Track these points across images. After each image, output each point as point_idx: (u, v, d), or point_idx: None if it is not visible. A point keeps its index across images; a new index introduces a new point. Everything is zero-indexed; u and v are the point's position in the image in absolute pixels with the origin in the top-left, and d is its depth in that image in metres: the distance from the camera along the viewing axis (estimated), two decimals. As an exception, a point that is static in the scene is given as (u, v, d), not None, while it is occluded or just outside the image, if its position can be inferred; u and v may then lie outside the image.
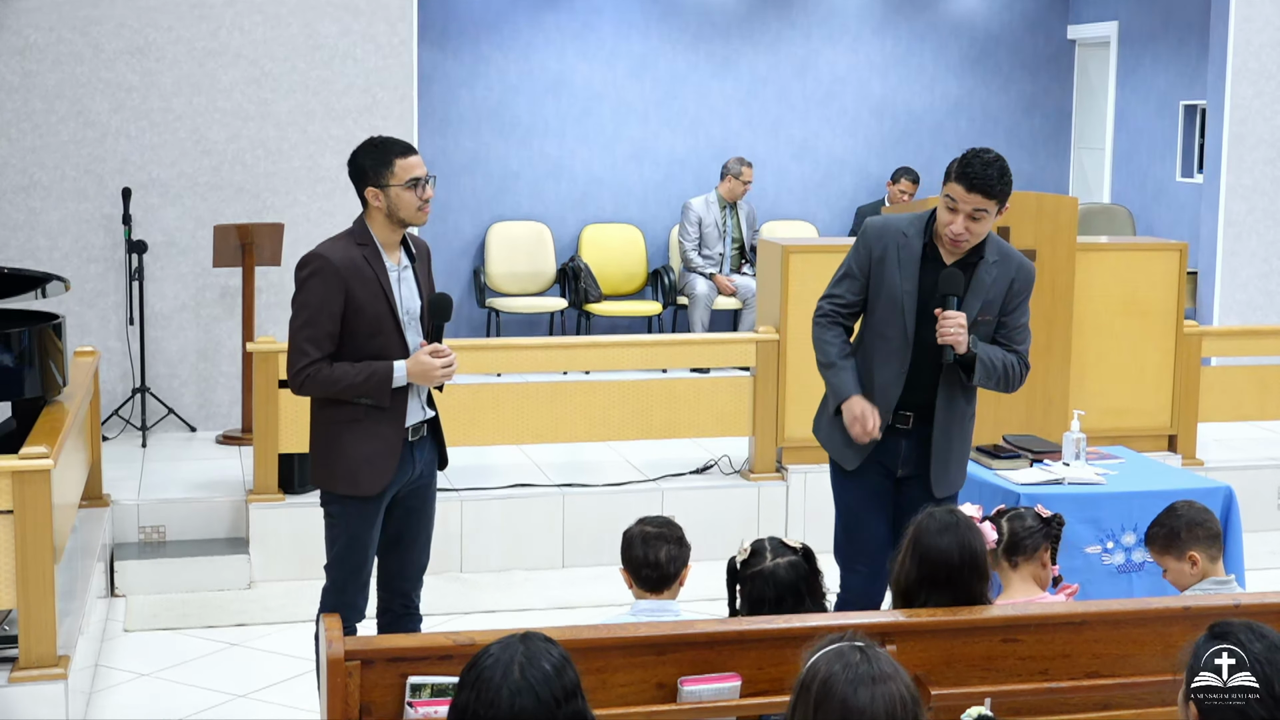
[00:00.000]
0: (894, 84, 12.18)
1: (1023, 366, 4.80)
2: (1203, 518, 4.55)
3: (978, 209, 4.62)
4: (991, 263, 4.75)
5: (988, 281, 4.73)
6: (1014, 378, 4.78)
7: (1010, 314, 4.78)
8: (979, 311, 4.72)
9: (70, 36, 8.16)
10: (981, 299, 4.73)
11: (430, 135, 10.93)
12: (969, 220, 4.63)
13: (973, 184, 4.62)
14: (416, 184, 4.67)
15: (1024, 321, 4.82)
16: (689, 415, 7.57)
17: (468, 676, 2.69)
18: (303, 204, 8.48)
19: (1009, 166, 4.71)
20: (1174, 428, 8.06)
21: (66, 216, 8.25)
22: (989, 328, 4.76)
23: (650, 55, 11.65)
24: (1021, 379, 4.82)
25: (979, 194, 4.61)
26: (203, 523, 7.11)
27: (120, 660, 6.02)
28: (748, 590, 4.04)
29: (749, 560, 4.07)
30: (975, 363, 4.68)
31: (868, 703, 2.58)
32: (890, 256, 4.79)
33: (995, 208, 4.65)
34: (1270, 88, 9.71)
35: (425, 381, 4.70)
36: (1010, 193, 4.70)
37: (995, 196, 4.62)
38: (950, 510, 4.02)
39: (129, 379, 8.33)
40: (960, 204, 4.64)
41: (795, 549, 4.06)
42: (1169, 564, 4.54)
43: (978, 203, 4.62)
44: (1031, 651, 3.77)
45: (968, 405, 4.89)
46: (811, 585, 4.02)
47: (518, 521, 7.24)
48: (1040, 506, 4.50)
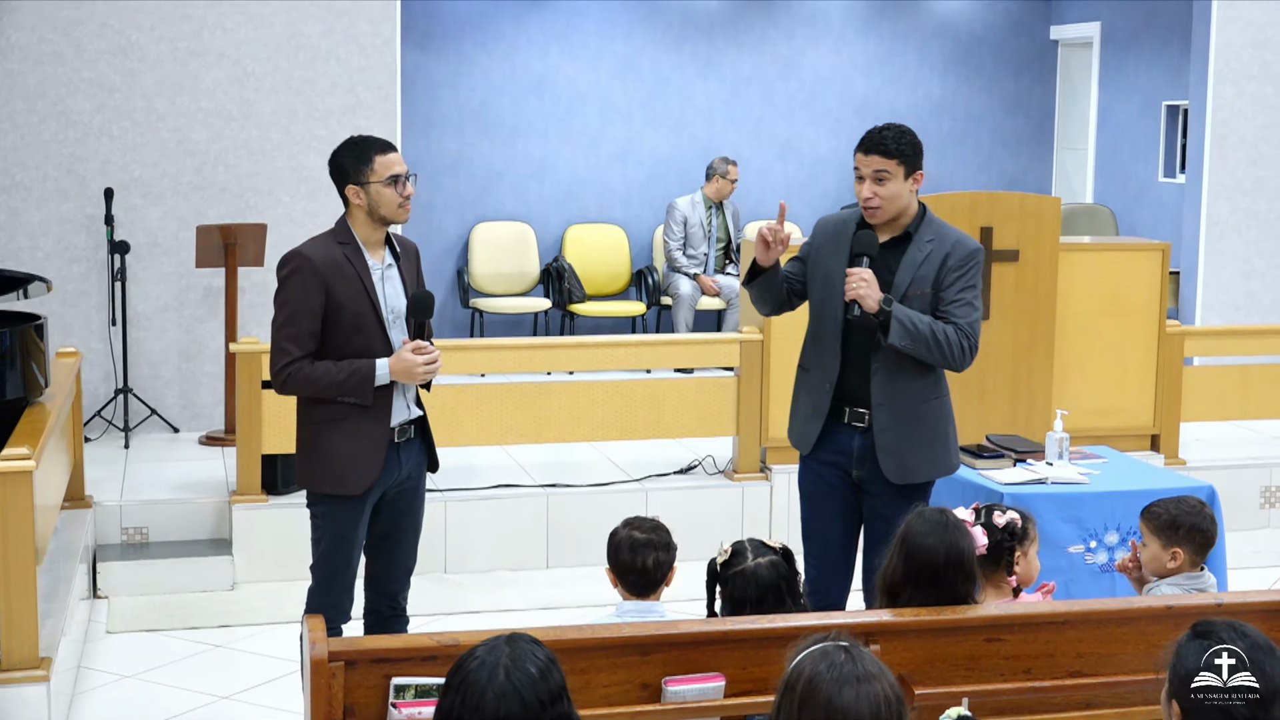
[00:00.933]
0: (877, 84, 12.20)
1: (961, 337, 4.71)
2: (1206, 525, 4.55)
3: (878, 170, 4.71)
4: (926, 240, 4.77)
5: (919, 258, 4.74)
6: (950, 346, 4.69)
7: (946, 289, 4.75)
8: (909, 286, 4.73)
9: (52, 36, 8.13)
10: (911, 274, 4.74)
11: (413, 135, 10.91)
12: (875, 184, 4.72)
13: (868, 147, 4.73)
14: (396, 181, 4.66)
15: (964, 298, 4.75)
16: (673, 415, 7.57)
17: (453, 679, 2.69)
18: (285, 204, 8.46)
19: (913, 134, 4.78)
20: (1157, 427, 8.08)
21: (48, 217, 8.23)
22: (923, 301, 4.73)
23: (634, 55, 11.65)
24: (964, 350, 4.72)
25: (876, 154, 4.71)
26: (186, 524, 7.10)
27: (103, 662, 6.00)
28: (729, 591, 4.05)
29: (730, 561, 4.07)
30: (890, 320, 4.64)
31: (852, 702, 2.58)
32: (828, 243, 4.86)
33: (899, 169, 4.70)
34: (1252, 88, 9.74)
35: (408, 379, 4.69)
36: (916, 154, 4.74)
37: (892, 155, 4.70)
38: (941, 511, 4.01)
39: (111, 380, 8.31)
40: (863, 169, 4.75)
41: (775, 549, 4.07)
42: (1153, 546, 4.54)
43: (876, 163, 4.71)
44: (1015, 651, 3.78)
45: (918, 386, 4.79)
46: (791, 585, 4.03)
47: (502, 522, 7.23)
48: (997, 513, 4.40)
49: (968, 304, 4.77)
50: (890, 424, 4.78)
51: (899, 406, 4.77)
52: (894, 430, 4.78)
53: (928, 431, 4.84)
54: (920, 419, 4.82)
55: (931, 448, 4.85)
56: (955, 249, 4.77)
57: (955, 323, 4.73)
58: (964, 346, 4.73)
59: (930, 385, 4.84)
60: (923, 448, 4.83)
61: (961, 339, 4.72)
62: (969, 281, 4.78)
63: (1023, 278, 7.60)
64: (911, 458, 4.81)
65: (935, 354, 4.71)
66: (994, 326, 7.54)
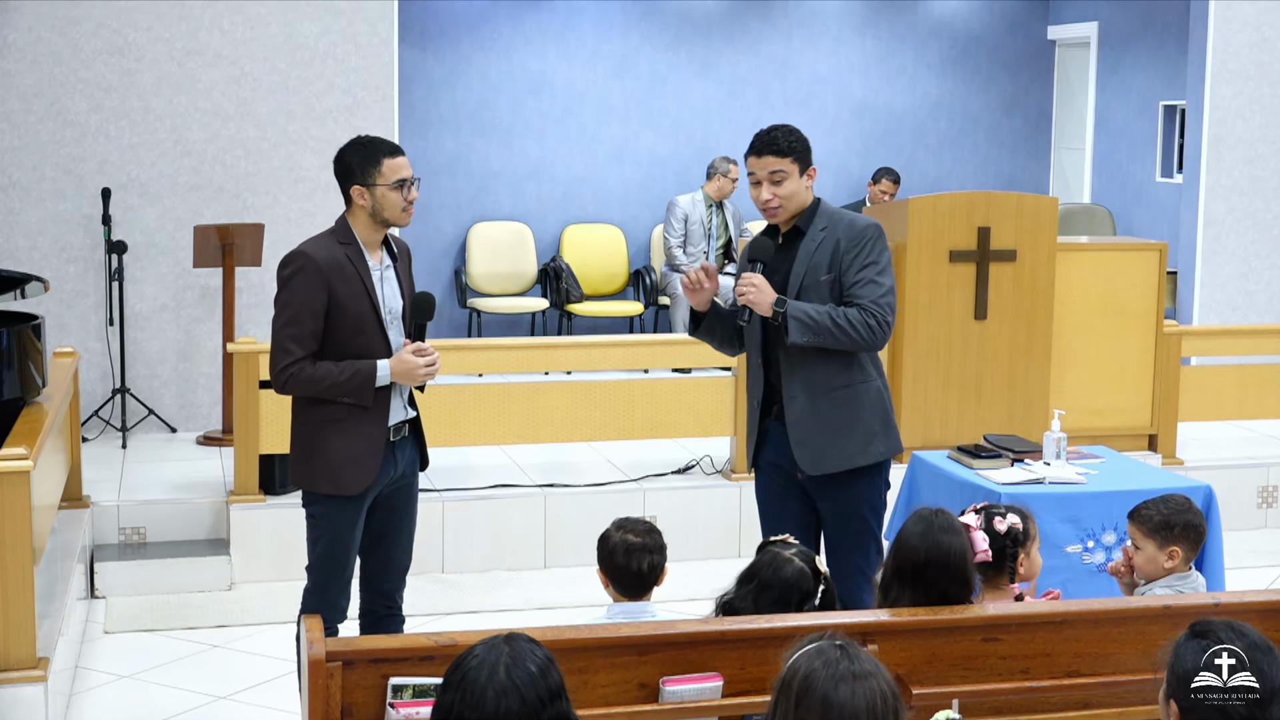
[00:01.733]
0: (874, 84, 12.20)
1: (867, 316, 4.69)
2: (1198, 521, 4.55)
3: (774, 171, 4.74)
4: (819, 229, 4.79)
5: (811, 248, 4.78)
6: (855, 328, 4.67)
7: (846, 271, 4.76)
8: (805, 276, 4.76)
9: (49, 36, 8.13)
10: (806, 264, 4.77)
11: (411, 135, 10.91)
12: (772, 185, 4.75)
13: (760, 150, 4.77)
14: (403, 185, 4.67)
15: (865, 276, 4.74)
16: (670, 415, 7.57)
17: (452, 677, 2.69)
18: (283, 204, 8.46)
19: (800, 131, 4.83)
20: (1154, 427, 8.09)
21: (45, 217, 8.23)
22: (822, 290, 4.75)
23: (631, 55, 11.65)
24: (871, 329, 4.70)
25: (770, 155, 4.74)
26: (183, 524, 7.09)
27: (100, 662, 6.00)
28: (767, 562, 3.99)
29: (773, 543, 4.04)
30: (787, 319, 4.67)
31: (848, 699, 2.59)
32: (744, 261, 4.90)
33: (793, 166, 4.75)
34: (1249, 88, 9.74)
35: (408, 380, 4.70)
36: (806, 150, 4.79)
37: (785, 154, 4.73)
38: (937, 511, 3.99)
39: (109, 380, 8.31)
40: (758, 172, 4.78)
41: (819, 570, 3.98)
42: (1148, 549, 4.53)
43: (772, 164, 4.74)
44: (1012, 651, 3.78)
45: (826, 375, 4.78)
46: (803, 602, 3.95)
47: (499, 522, 7.23)
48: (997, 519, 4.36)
49: (870, 281, 4.75)
50: (801, 416, 4.80)
51: (808, 398, 4.80)
52: (805, 422, 4.80)
53: (840, 420, 4.80)
54: (834, 407, 4.80)
55: (846, 435, 4.80)
56: (846, 231, 4.79)
57: (859, 303, 4.73)
58: (870, 325, 4.70)
59: (839, 372, 4.80)
60: (834, 436, 4.80)
61: (867, 318, 4.70)
62: (867, 259, 4.76)
63: (1020, 278, 7.60)
64: (824, 447, 4.79)
65: (842, 339, 4.70)
66: (991, 326, 7.55)
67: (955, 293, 7.55)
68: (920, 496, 6.01)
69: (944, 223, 7.53)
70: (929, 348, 7.54)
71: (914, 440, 7.43)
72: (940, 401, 7.57)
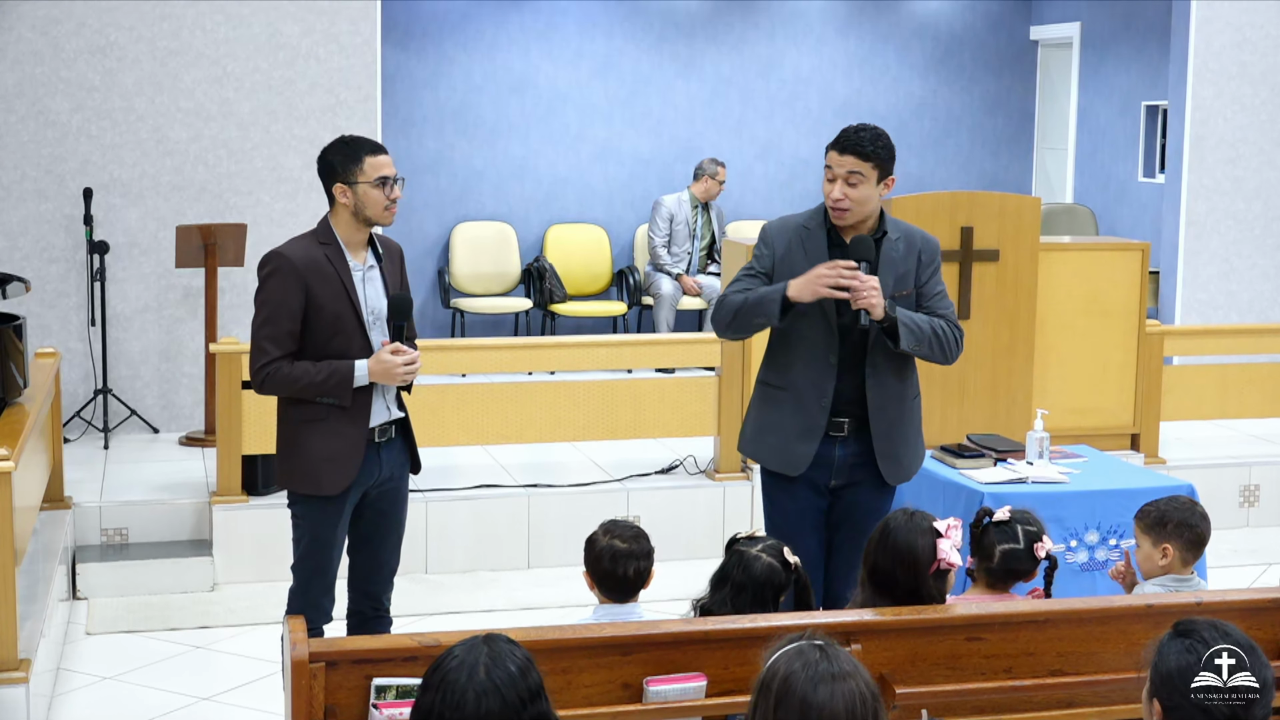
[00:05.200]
0: (858, 84, 12.21)
1: (954, 329, 4.73)
2: (1194, 521, 4.56)
3: (852, 172, 4.61)
4: (895, 239, 4.73)
5: (896, 256, 4.70)
6: (948, 340, 4.70)
7: (925, 284, 4.75)
8: (894, 287, 4.68)
9: (30, 36, 8.10)
10: (894, 273, 4.69)
11: (394, 135, 10.90)
12: (846, 186, 4.61)
13: (844, 147, 4.62)
14: (385, 183, 4.66)
15: (941, 290, 4.78)
16: (654, 415, 7.57)
17: (432, 678, 2.68)
18: (265, 204, 8.44)
19: (888, 137, 4.70)
20: (1137, 426, 8.10)
21: (27, 217, 8.20)
22: (909, 301, 4.72)
23: (614, 55, 11.65)
24: (958, 343, 4.74)
25: (851, 155, 4.60)
26: (165, 525, 7.07)
27: (82, 663, 5.98)
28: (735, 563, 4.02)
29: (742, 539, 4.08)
30: (897, 326, 4.59)
31: (827, 700, 2.59)
32: (795, 250, 4.73)
33: (873, 172, 4.61)
34: (1231, 88, 9.77)
35: (387, 380, 4.68)
36: (890, 158, 4.66)
37: (869, 158, 4.60)
38: (904, 511, 4.04)
39: (90, 380, 8.28)
40: (836, 169, 4.64)
41: (788, 562, 4.02)
42: (1144, 545, 4.56)
43: (851, 164, 4.61)
44: (995, 650, 3.78)
45: (903, 387, 4.78)
46: (777, 595, 4.00)
47: (483, 522, 7.22)
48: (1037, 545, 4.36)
49: (945, 297, 4.81)
50: (885, 429, 4.75)
51: (891, 410, 4.76)
52: (889, 435, 4.76)
53: (912, 430, 4.88)
54: (905, 419, 4.83)
55: (916, 445, 4.90)
56: (925, 245, 4.79)
57: (943, 315, 4.76)
58: (956, 338, 4.76)
59: (913, 384, 4.86)
60: (910, 445, 4.87)
61: (954, 330, 4.76)
62: (939, 274, 4.81)
63: (1003, 277, 7.61)
64: (905, 458, 4.85)
65: (936, 351, 4.71)
66: (974, 326, 7.55)
67: (938, 292, 7.55)
68: (903, 496, 5.99)
69: (927, 223, 7.49)
70: (912, 347, 7.54)
71: (897, 440, 7.45)
72: (923, 401, 7.55)
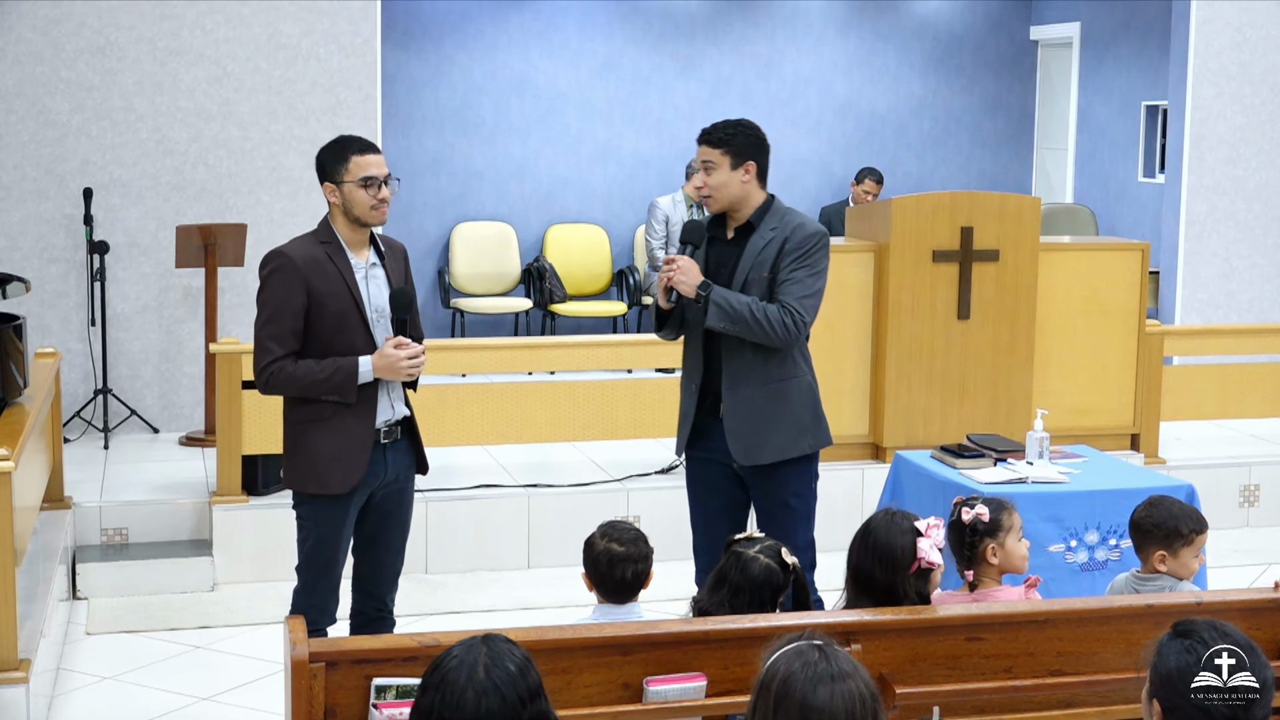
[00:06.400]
0: (857, 84, 12.21)
1: (784, 314, 4.81)
2: (1138, 517, 4.53)
3: (705, 161, 4.89)
4: (769, 229, 4.92)
5: (760, 245, 4.90)
6: (770, 323, 4.80)
7: (782, 270, 4.88)
8: (750, 272, 4.88)
9: (30, 36, 8.10)
10: (752, 260, 4.89)
11: (394, 135, 10.90)
12: (705, 174, 4.91)
13: (701, 138, 4.94)
14: (370, 183, 4.63)
15: (795, 276, 4.86)
16: (654, 415, 7.57)
17: (431, 678, 2.68)
18: (265, 204, 8.44)
19: (749, 127, 4.95)
20: (1136, 426, 8.10)
21: (27, 217, 8.20)
22: (761, 286, 4.87)
23: (614, 55, 11.65)
24: (786, 326, 4.81)
25: (704, 144, 4.91)
26: (165, 525, 7.07)
27: (82, 663, 5.98)
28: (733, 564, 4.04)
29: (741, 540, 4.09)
30: (708, 303, 4.80)
31: (826, 701, 2.58)
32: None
33: (724, 159, 4.87)
34: (1231, 88, 9.77)
35: (392, 375, 4.66)
36: (747, 146, 4.89)
37: (717, 145, 4.88)
38: (886, 511, 4.05)
39: (90, 380, 8.28)
40: (700, 159, 4.95)
41: (786, 563, 4.02)
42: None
43: (704, 154, 4.90)
44: (995, 650, 3.79)
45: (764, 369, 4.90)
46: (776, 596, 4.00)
47: (483, 522, 7.22)
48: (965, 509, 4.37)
49: (798, 281, 4.87)
50: (736, 407, 4.92)
51: (745, 389, 4.91)
52: (740, 413, 4.92)
53: (775, 413, 4.93)
54: (767, 400, 4.92)
55: (778, 428, 4.93)
56: (795, 233, 4.91)
57: (781, 300, 4.85)
58: (785, 323, 4.82)
59: (776, 366, 4.93)
60: (767, 428, 4.93)
61: (784, 315, 4.82)
62: (804, 263, 4.88)
63: (1003, 278, 7.61)
64: (758, 439, 4.92)
65: (755, 332, 4.82)
66: (974, 326, 7.56)
67: (938, 293, 7.56)
68: (904, 496, 6.02)
69: (927, 223, 7.53)
70: (912, 348, 7.55)
71: (897, 440, 7.44)
72: (923, 401, 7.58)
